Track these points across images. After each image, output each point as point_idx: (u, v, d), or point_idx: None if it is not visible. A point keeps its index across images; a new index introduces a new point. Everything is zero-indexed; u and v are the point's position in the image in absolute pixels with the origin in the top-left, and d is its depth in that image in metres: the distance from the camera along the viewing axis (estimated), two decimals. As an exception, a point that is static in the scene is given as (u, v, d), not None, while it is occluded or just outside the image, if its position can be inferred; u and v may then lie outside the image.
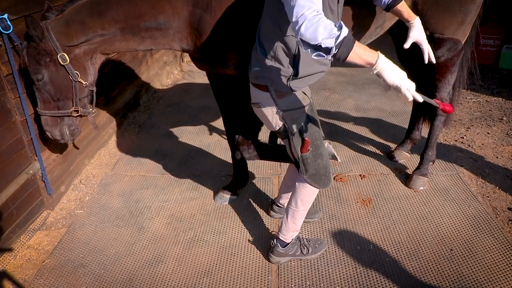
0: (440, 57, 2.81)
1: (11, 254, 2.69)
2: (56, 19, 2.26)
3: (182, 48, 2.44)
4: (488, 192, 3.16)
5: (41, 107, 2.48)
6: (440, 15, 2.65)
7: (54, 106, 2.48)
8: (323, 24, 1.52)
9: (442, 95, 3.00)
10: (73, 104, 2.48)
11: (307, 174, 2.21)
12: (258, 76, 2.06)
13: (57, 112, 2.49)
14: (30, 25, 2.16)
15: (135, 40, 2.35)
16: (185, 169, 3.60)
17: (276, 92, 2.05)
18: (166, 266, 2.58)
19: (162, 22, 2.29)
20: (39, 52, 2.27)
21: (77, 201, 3.24)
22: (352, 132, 4.13)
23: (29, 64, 2.31)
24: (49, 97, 2.43)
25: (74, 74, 2.36)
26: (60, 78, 2.36)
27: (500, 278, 2.38)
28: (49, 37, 2.23)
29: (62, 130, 2.57)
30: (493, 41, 5.65)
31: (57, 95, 2.42)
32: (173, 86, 5.60)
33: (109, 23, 2.26)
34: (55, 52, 2.27)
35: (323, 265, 2.52)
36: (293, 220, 2.43)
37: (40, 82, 2.35)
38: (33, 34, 2.19)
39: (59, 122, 2.55)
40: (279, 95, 2.06)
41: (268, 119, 2.20)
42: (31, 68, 2.32)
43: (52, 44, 2.25)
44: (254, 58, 2.09)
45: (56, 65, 2.32)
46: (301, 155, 2.18)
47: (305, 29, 1.53)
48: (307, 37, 1.54)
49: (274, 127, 2.21)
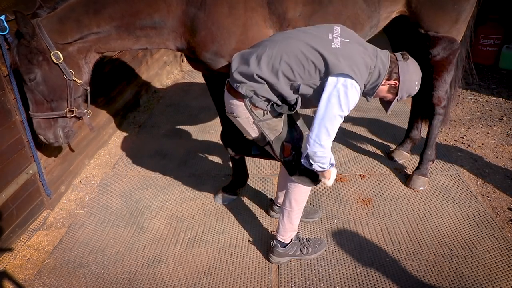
0: (435, 55, 2.82)
1: (11, 254, 2.69)
2: (49, 17, 2.21)
3: (176, 47, 2.43)
4: (488, 192, 3.15)
5: (34, 109, 2.39)
6: (434, 13, 2.65)
7: (47, 107, 2.40)
8: (328, 159, 2.02)
9: (439, 93, 3.00)
10: (67, 104, 2.40)
11: (294, 175, 2.23)
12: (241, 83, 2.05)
13: (51, 114, 2.41)
14: (20, 21, 2.09)
15: (130, 39, 2.34)
16: (185, 169, 3.60)
17: (251, 104, 2.08)
18: (166, 266, 2.58)
19: (157, 20, 2.28)
20: (31, 50, 2.20)
21: (77, 201, 3.24)
22: (352, 132, 4.12)
23: (21, 64, 2.24)
24: (42, 98, 2.35)
25: (68, 72, 2.30)
26: (53, 77, 2.29)
27: (500, 278, 2.38)
28: (41, 34, 2.16)
29: (56, 132, 2.49)
30: (493, 41, 5.64)
31: (51, 95, 2.35)
32: (173, 86, 5.61)
33: (105, 21, 2.24)
34: (48, 50, 2.21)
35: (323, 265, 2.52)
36: (289, 220, 2.42)
37: (32, 82, 2.28)
38: (23, 31, 2.13)
39: (52, 124, 2.46)
40: (255, 108, 2.09)
41: (245, 128, 2.22)
42: (22, 68, 2.25)
43: (44, 42, 2.19)
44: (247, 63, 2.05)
45: (50, 64, 2.25)
46: (284, 159, 2.20)
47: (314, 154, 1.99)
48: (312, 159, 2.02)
49: (252, 136, 2.24)
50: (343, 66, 1.87)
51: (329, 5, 2.42)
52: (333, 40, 1.95)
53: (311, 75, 1.94)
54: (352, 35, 2.05)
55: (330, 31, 2.00)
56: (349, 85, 1.89)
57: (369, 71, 1.97)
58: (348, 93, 1.89)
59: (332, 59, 1.89)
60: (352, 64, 1.89)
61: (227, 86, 2.17)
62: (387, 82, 2.04)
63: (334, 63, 1.88)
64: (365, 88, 2.07)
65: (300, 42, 1.96)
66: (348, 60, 1.89)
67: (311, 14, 2.40)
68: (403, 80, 2.02)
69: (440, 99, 3.02)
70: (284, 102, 2.08)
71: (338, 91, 1.89)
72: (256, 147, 2.49)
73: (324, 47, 1.92)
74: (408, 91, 2.08)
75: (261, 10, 2.33)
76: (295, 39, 1.99)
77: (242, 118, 2.16)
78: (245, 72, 2.03)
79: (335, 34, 1.98)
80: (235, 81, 2.08)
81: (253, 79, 2.01)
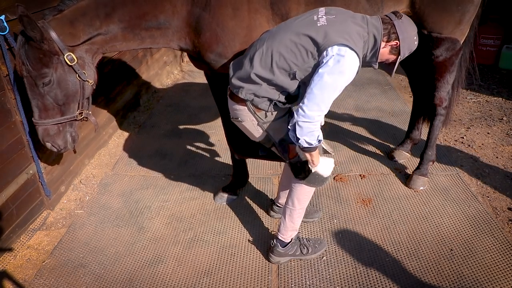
0: (438, 56, 2.82)
1: (11, 254, 2.69)
2: (56, 19, 2.17)
3: (180, 47, 2.44)
4: (488, 192, 3.15)
5: (42, 116, 2.29)
6: (438, 14, 2.65)
7: (57, 112, 2.32)
8: (316, 133, 1.93)
9: (441, 94, 3.00)
10: (79, 106, 2.37)
11: (299, 176, 2.22)
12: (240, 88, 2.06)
13: (62, 119, 2.33)
14: (27, 25, 2.04)
15: (135, 40, 2.34)
16: (185, 169, 3.60)
17: (253, 107, 2.09)
18: (166, 266, 2.58)
19: (162, 21, 2.29)
20: (44, 54, 2.15)
21: (77, 201, 3.24)
22: (352, 132, 4.12)
23: (33, 68, 2.16)
24: (52, 103, 2.27)
25: (82, 73, 2.27)
26: (68, 79, 2.25)
27: (500, 278, 2.38)
28: (53, 37, 2.13)
29: (65, 138, 2.41)
30: (493, 41, 5.65)
31: (64, 99, 2.29)
32: (173, 86, 5.60)
33: (114, 23, 2.24)
34: (61, 52, 2.17)
35: (323, 265, 2.52)
36: (291, 219, 2.43)
37: (46, 86, 2.21)
38: (31, 35, 2.07)
39: (61, 129, 2.38)
40: (258, 110, 2.10)
41: (251, 131, 2.22)
42: (35, 73, 2.17)
43: (57, 45, 2.15)
44: (242, 67, 2.05)
45: (64, 66, 2.22)
46: (289, 160, 2.20)
47: (302, 125, 1.89)
48: (298, 131, 1.91)
49: (258, 138, 2.24)
50: (334, 38, 1.85)
51: (331, 5, 2.42)
52: (319, 20, 1.93)
53: (304, 60, 1.92)
54: (339, 11, 2.01)
55: (315, 13, 1.99)
56: (343, 52, 1.84)
57: (363, 39, 1.95)
58: (343, 62, 1.84)
59: (320, 37, 1.87)
60: (342, 33, 1.87)
61: (229, 93, 2.19)
62: (388, 44, 2.02)
63: (323, 39, 1.86)
64: (366, 58, 2.05)
65: (286, 32, 1.96)
66: (337, 32, 1.87)
67: None
68: (402, 38, 1.99)
69: (442, 100, 3.02)
70: (287, 98, 2.06)
71: (332, 61, 1.85)
72: (263, 148, 2.49)
73: (310, 28, 1.91)
74: (410, 48, 2.05)
75: (265, 11, 2.34)
76: (282, 31, 1.99)
77: (247, 122, 2.17)
78: (242, 75, 2.04)
79: (320, 14, 1.96)
80: (234, 87, 2.10)
81: (250, 80, 2.01)
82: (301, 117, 1.89)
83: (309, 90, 1.89)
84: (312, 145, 1.97)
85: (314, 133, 1.93)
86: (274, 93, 2.04)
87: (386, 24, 1.98)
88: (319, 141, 1.98)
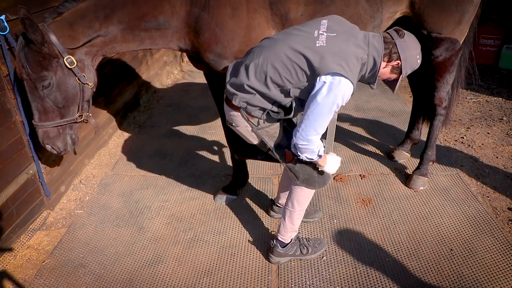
0: (438, 56, 2.82)
1: (11, 254, 2.69)
2: (56, 21, 2.16)
3: (180, 48, 2.44)
4: (488, 192, 3.16)
5: (41, 118, 2.30)
6: (437, 15, 2.65)
7: (57, 115, 2.32)
8: (316, 150, 2.01)
9: (441, 94, 3.00)
10: (79, 108, 2.37)
11: (298, 180, 2.23)
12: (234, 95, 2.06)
13: (61, 121, 2.34)
14: (29, 28, 2.02)
15: (134, 41, 2.34)
16: (185, 169, 3.60)
17: (247, 114, 2.09)
18: (166, 266, 2.58)
19: (161, 22, 2.29)
20: (44, 57, 2.14)
21: (77, 201, 3.24)
22: (352, 132, 4.12)
23: (33, 71, 2.16)
24: (52, 105, 2.28)
25: (81, 76, 2.27)
26: (68, 82, 2.25)
27: (500, 278, 2.38)
28: (53, 40, 2.12)
29: (65, 140, 2.42)
30: (493, 41, 5.65)
31: (63, 102, 2.29)
32: (173, 86, 5.61)
33: (114, 24, 2.24)
34: (60, 55, 2.17)
35: (323, 265, 2.52)
36: (291, 220, 2.43)
37: (46, 89, 2.21)
38: (32, 38, 2.07)
39: (61, 132, 2.39)
40: (251, 117, 2.10)
41: (246, 136, 2.23)
42: (34, 76, 2.17)
43: (56, 48, 2.15)
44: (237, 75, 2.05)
45: (63, 69, 2.22)
46: (287, 164, 2.20)
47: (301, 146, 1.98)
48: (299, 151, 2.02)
49: (253, 143, 2.25)
50: (329, 64, 1.83)
51: (331, 5, 2.42)
52: (319, 37, 1.90)
53: (299, 78, 1.92)
54: (341, 26, 1.99)
55: (317, 27, 1.96)
56: (337, 82, 1.84)
57: (362, 61, 1.94)
58: (336, 91, 1.84)
59: (316, 61, 1.85)
60: (339, 59, 1.85)
61: (225, 98, 2.18)
62: (389, 64, 2.01)
63: (320, 63, 1.85)
64: (365, 78, 2.05)
65: (284, 45, 1.94)
66: (334, 56, 1.85)
67: (313, 14, 2.40)
68: (404, 58, 1.98)
69: (442, 100, 3.02)
70: (280, 107, 2.07)
71: (326, 89, 1.85)
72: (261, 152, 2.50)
73: (308, 47, 1.89)
74: (412, 67, 2.05)
75: (264, 11, 2.33)
76: (280, 43, 1.96)
77: (241, 127, 2.18)
78: (236, 83, 2.04)
79: (321, 30, 1.93)
80: (229, 93, 2.10)
81: (244, 90, 2.01)
82: (300, 140, 1.96)
83: (305, 116, 1.92)
84: (313, 159, 2.07)
85: (314, 151, 2.02)
86: (267, 104, 2.04)
87: (387, 44, 1.97)
88: (319, 156, 2.06)
